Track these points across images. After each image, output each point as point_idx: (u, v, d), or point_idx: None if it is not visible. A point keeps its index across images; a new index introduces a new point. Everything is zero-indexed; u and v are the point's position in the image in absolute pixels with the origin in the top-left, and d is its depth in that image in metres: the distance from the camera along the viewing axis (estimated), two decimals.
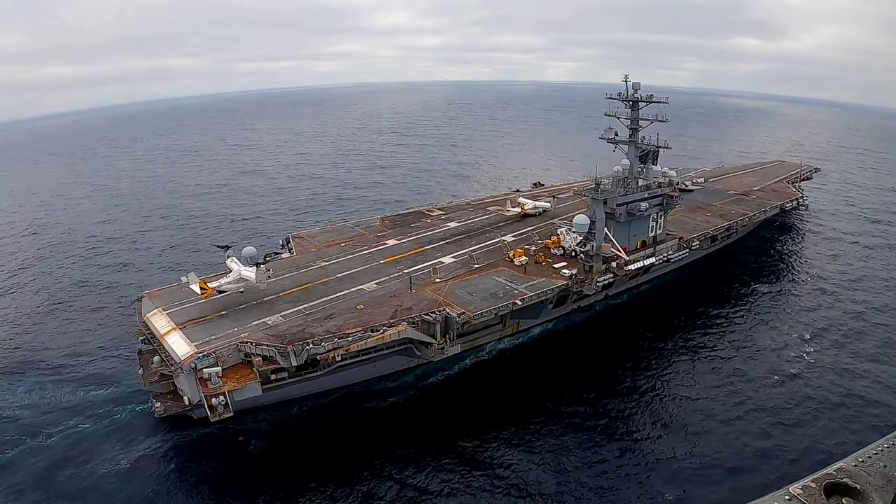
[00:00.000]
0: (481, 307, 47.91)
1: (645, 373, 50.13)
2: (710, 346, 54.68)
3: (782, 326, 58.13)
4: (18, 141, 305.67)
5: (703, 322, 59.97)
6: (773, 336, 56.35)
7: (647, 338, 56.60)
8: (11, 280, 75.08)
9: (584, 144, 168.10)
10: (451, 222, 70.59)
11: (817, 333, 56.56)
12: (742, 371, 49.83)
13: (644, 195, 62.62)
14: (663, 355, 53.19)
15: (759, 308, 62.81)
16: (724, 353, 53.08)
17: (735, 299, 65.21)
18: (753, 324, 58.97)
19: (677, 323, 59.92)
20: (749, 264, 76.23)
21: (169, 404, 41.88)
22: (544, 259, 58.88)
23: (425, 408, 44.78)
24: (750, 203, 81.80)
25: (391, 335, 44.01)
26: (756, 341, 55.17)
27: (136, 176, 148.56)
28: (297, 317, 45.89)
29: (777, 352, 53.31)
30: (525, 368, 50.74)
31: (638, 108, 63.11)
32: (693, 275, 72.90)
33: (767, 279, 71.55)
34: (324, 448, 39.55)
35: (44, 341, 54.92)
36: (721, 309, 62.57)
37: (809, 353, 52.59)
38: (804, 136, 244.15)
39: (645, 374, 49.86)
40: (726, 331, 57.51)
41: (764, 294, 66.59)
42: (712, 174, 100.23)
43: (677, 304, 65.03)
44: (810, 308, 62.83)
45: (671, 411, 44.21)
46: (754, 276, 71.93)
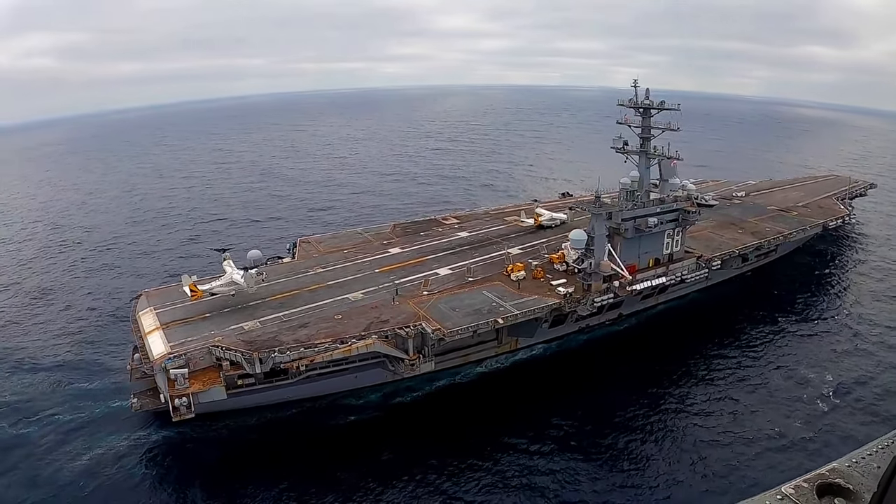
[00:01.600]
0: (460, 324, 45.73)
1: (634, 404, 45.43)
2: (718, 383, 48.79)
3: (803, 371, 49.80)
4: (80, 135, 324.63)
5: (716, 353, 54.01)
6: (790, 382, 48.41)
7: (651, 364, 51.84)
8: (25, 268, 79.26)
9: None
10: (462, 232, 68.46)
11: (842, 387, 47.46)
12: (744, 422, 42.71)
13: (655, 210, 57.85)
14: (662, 386, 48.31)
15: (781, 344, 55.42)
16: (730, 393, 46.77)
17: (757, 330, 58.27)
18: (771, 363, 51.73)
19: (689, 351, 54.66)
20: (782, 290, 68.63)
21: (146, 401, 42.51)
22: (543, 275, 55.82)
23: (383, 431, 42.13)
24: (789, 220, 74.28)
25: (359, 348, 42.66)
26: (769, 386, 47.86)
27: (174, 175, 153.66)
28: (273, 323, 45.39)
29: (790, 403, 45.31)
30: (507, 391, 47.75)
31: (649, 116, 58.28)
32: (718, 297, 66.75)
33: (798, 310, 63.36)
34: (268, 462, 38.41)
35: (46, 332, 56.85)
36: (739, 340, 56.28)
37: (827, 413, 43.90)
38: (870, 150, 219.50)
39: (634, 406, 45.21)
40: (739, 366, 51.19)
41: (791, 327, 58.89)
42: (756, 188, 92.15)
43: (694, 330, 59.71)
44: (840, 353, 53.58)
45: (644, 453, 39.58)
46: (784, 305, 64.21)
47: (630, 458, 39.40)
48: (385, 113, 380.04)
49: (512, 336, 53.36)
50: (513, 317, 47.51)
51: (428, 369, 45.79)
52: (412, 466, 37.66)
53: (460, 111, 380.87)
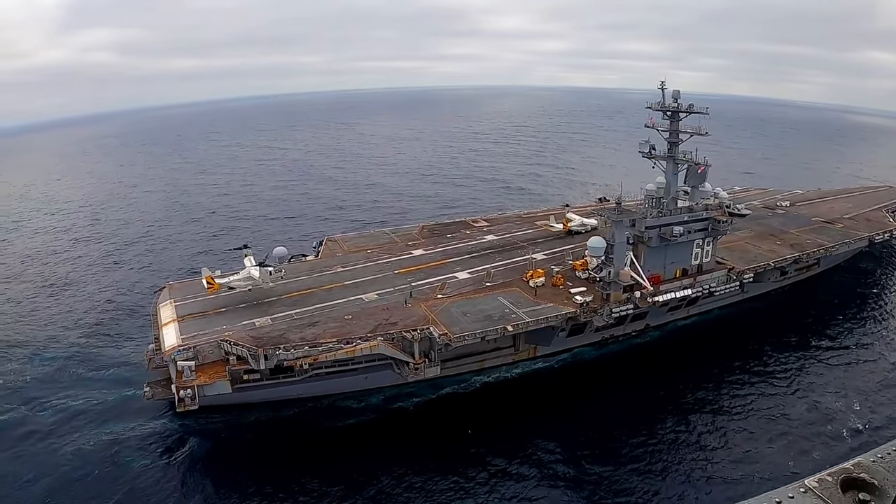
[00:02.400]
0: (468, 329, 44.48)
1: (639, 429, 41.78)
2: (736, 409, 44.34)
3: (831, 404, 44.33)
4: (134, 130, 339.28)
5: (738, 375, 49.34)
6: (813, 414, 43.19)
7: (668, 384, 48.30)
8: (57, 257, 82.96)
9: None
10: (490, 235, 66.75)
11: (871, 423, 41.60)
12: (757, 458, 38.20)
13: (682, 218, 54.22)
14: (674, 410, 44.56)
15: (810, 370, 50.03)
16: (746, 424, 42.09)
17: (786, 352, 53.04)
18: (796, 391, 46.62)
19: (710, 371, 50.53)
20: (820, 308, 63.01)
21: (159, 390, 43.38)
22: (563, 282, 53.43)
23: (381, 436, 40.98)
24: (832, 233, 68.55)
25: (363, 349, 42.09)
26: (790, 417, 42.84)
27: (216, 171, 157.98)
28: (284, 321, 45.33)
29: (810, 439, 40.12)
30: (513, 402, 45.57)
31: (678, 120, 54.73)
32: (751, 312, 62.07)
33: (833, 333, 57.40)
34: (262, 461, 38.24)
35: (72, 320, 58.84)
36: (765, 362, 51.44)
37: (849, 453, 36.51)
38: None
39: (638, 431, 41.48)
40: (762, 392, 46.47)
41: (823, 352, 53.32)
42: (803, 197, 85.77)
43: (720, 347, 55.47)
44: (874, 385, 47.28)
45: (634, 487, 36.14)
46: (820, 326, 58.67)
47: (615, 490, 36.27)
48: (436, 113, 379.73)
49: (529, 344, 51.49)
50: (524, 324, 45.74)
51: (433, 374, 44.57)
52: (399, 474, 36.52)
53: (512, 112, 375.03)
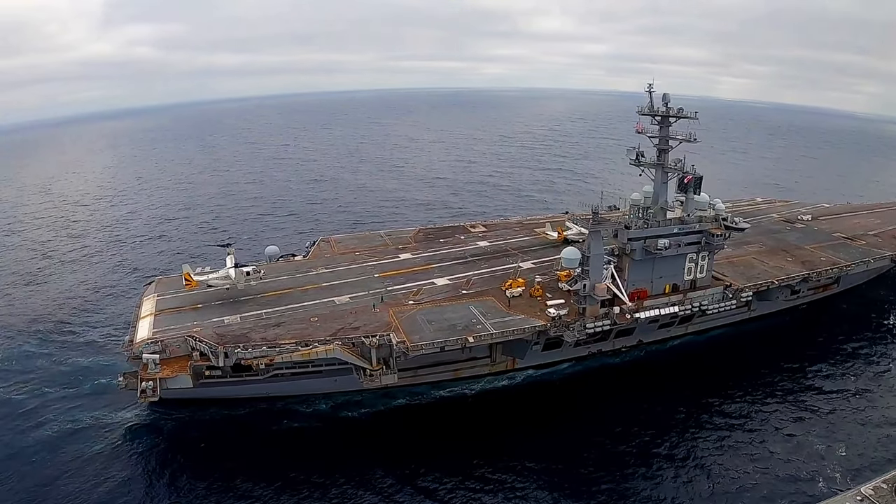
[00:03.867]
0: (428, 338, 43.62)
1: (597, 462, 38.71)
2: (709, 443, 40.50)
3: (814, 443, 39.72)
4: (175, 124, 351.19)
5: (721, 405, 45.38)
6: (794, 457, 38.42)
7: (649, 404, 45.53)
8: (65, 247, 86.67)
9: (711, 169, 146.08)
10: (483, 241, 64.97)
11: (854, 471, 36.77)
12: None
13: (671, 230, 51.07)
14: (642, 441, 41.07)
15: (801, 404, 44.98)
16: (715, 461, 38.38)
17: (779, 381, 48.70)
18: (779, 427, 41.95)
19: (692, 397, 46.94)
20: (830, 335, 57.65)
21: (133, 380, 44.47)
22: (542, 293, 51.63)
23: (315, 444, 40.32)
24: (851, 250, 62.99)
25: (318, 353, 42.04)
26: (766, 458, 38.52)
27: (233, 169, 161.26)
28: (252, 320, 45.44)
29: (782, 485, 36.00)
30: (478, 415, 43.86)
31: (668, 125, 51.28)
32: (755, 333, 58.03)
33: (835, 361, 52.10)
34: (204, 457, 38.90)
35: (68, 310, 60.85)
36: (753, 391, 47.25)
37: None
38: None
39: (594, 465, 38.40)
40: (740, 427, 42.19)
41: (819, 382, 48.32)
42: (828, 211, 79.39)
43: (713, 370, 51.96)
44: (868, 427, 41.92)
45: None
46: (823, 354, 53.52)
47: None
48: (473, 115, 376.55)
49: (506, 355, 50.30)
50: (487, 336, 44.48)
51: (390, 382, 43.72)
52: (337, 484, 36.05)
53: (548, 116, 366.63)
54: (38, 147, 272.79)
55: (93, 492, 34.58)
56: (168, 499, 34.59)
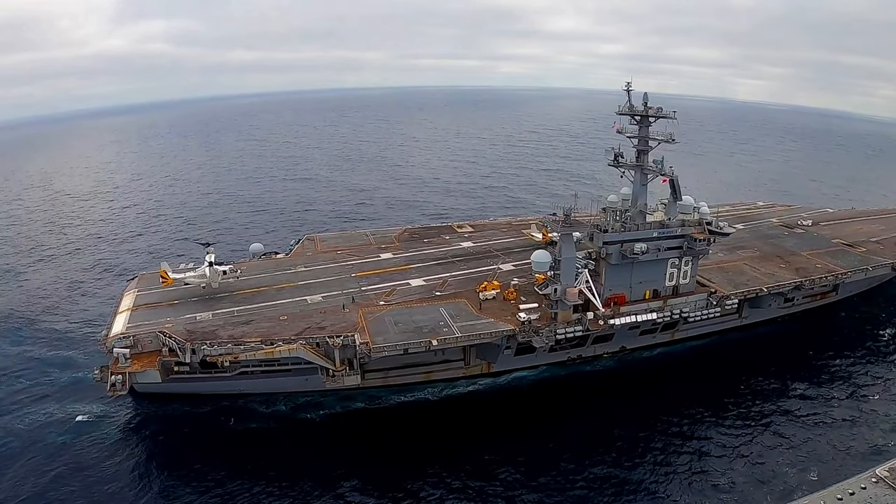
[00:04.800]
0: (392, 340, 43.75)
1: (564, 476, 37.87)
2: (670, 466, 38.74)
3: (782, 470, 37.87)
4: (188, 120, 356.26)
5: (688, 424, 43.36)
6: (757, 489, 36.29)
7: (619, 416, 44.47)
8: (54, 243, 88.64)
9: (719, 171, 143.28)
10: (467, 242, 64.64)
11: None
12: None
13: (650, 234, 49.98)
14: (614, 449, 40.32)
15: (778, 426, 42.77)
16: (668, 489, 36.62)
17: (759, 397, 46.76)
18: (745, 454, 39.66)
19: (665, 408, 45.42)
20: (821, 346, 55.65)
21: (107, 374, 46.77)
22: (515, 297, 51.29)
23: (267, 445, 40.31)
24: (850, 258, 60.93)
25: (282, 351, 42.60)
26: (727, 487, 36.47)
27: (233, 166, 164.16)
28: (223, 317, 46.15)
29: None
30: (428, 422, 43.57)
31: (647, 125, 50.28)
32: (747, 342, 56.73)
33: (821, 380, 49.58)
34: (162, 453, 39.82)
35: (51, 303, 62.95)
36: (728, 408, 45.33)
37: None
38: None
39: (560, 479, 37.60)
40: (704, 451, 40.05)
41: (798, 404, 45.69)
42: (831, 216, 76.82)
43: (694, 380, 50.60)
44: (843, 453, 39.90)
45: None
46: (810, 371, 51.16)
47: None
48: (482, 113, 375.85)
49: (481, 359, 50.18)
50: (452, 339, 44.44)
51: (353, 383, 44.08)
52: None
53: (559, 115, 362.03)
54: (48, 142, 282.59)
55: (38, 480, 35.96)
56: (113, 489, 35.48)
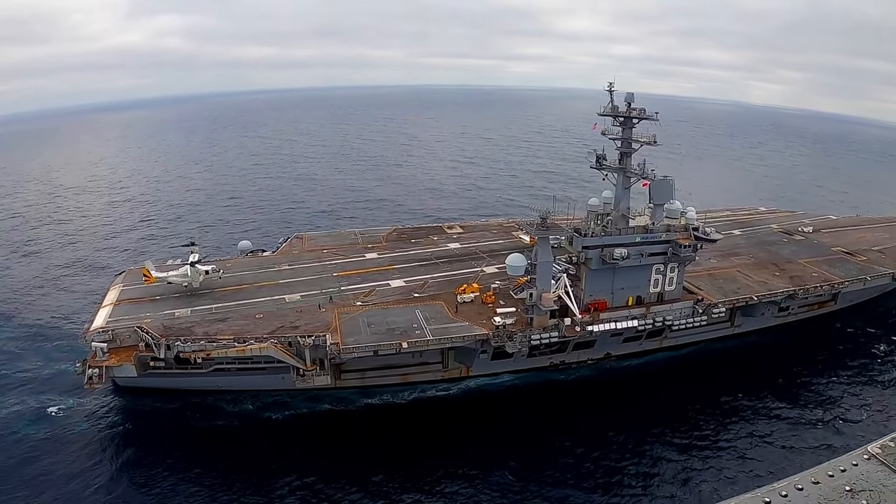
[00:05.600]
0: (363, 341, 44.11)
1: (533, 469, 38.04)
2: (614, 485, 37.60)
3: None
4: (201, 115, 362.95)
5: (652, 443, 41.63)
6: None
7: (585, 429, 43.37)
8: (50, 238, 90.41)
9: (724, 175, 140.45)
10: (455, 243, 64.61)
11: None
12: None
13: (632, 239, 49.30)
14: (569, 467, 39.05)
15: (755, 446, 41.06)
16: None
17: (738, 413, 45.04)
18: (718, 479, 37.53)
19: (638, 420, 44.43)
20: (812, 359, 54.05)
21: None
22: (494, 300, 51.33)
23: (227, 444, 40.81)
24: (849, 266, 59.44)
25: (253, 350, 43.25)
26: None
27: (235, 163, 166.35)
28: (202, 314, 47.01)
29: None
30: (395, 426, 43.35)
31: (630, 127, 49.47)
32: (737, 351, 55.58)
33: (810, 398, 47.45)
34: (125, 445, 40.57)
35: (40, 294, 65.02)
36: (703, 423, 43.75)
37: None
38: None
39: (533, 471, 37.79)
40: (668, 482, 38.11)
41: (776, 430, 43.17)
42: (834, 223, 74.86)
43: (674, 390, 49.45)
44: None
45: None
46: (796, 387, 49.13)
47: None
48: (489, 114, 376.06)
49: (460, 362, 50.29)
50: (423, 342, 44.71)
51: (323, 383, 44.61)
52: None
53: (568, 117, 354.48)
54: (57, 136, 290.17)
55: None
56: (64, 478, 36.55)
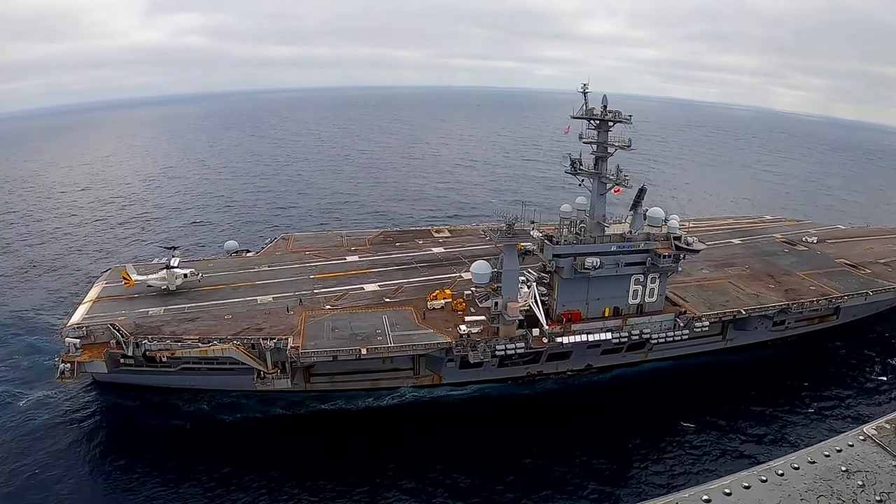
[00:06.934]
0: (324, 346, 44.64)
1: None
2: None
3: None
4: (217, 113, 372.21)
5: (616, 458, 40.99)
6: None
7: (532, 446, 42.47)
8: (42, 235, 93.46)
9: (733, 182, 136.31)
10: (439, 248, 64.56)
11: None
12: None
13: (608, 247, 48.07)
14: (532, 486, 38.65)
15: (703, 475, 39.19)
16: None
17: (690, 456, 42.28)
18: None
19: (617, 433, 43.92)
20: (802, 383, 51.70)
21: None
22: (464, 307, 51.13)
23: (170, 445, 41.88)
24: (851, 280, 56.98)
25: (215, 350, 44.31)
26: None
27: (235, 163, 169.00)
28: (174, 313, 48.44)
29: None
30: (344, 433, 43.52)
31: (606, 130, 48.30)
32: (725, 367, 54.17)
33: (790, 428, 44.99)
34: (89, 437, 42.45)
35: (21, 290, 67.47)
36: (659, 456, 42.08)
37: None
38: None
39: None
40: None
41: (736, 469, 40.46)
42: (839, 234, 71.66)
43: (649, 405, 48.60)
44: None
45: None
46: (771, 415, 46.70)
47: None
48: (503, 116, 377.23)
49: (430, 370, 50.41)
50: (383, 349, 45.01)
51: (283, 386, 45.06)
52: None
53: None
54: (72, 132, 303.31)
55: None
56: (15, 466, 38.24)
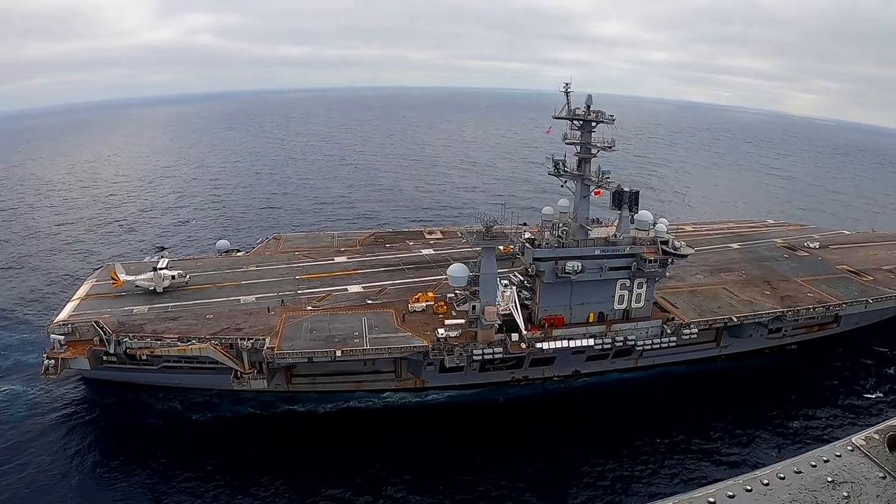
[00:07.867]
0: (300, 347, 44.94)
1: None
2: None
3: None
4: (227, 112, 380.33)
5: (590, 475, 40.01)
6: None
7: (526, 450, 42.28)
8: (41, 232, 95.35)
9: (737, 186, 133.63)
10: (429, 249, 64.55)
11: None
12: None
13: (591, 251, 47.53)
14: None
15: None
16: None
17: (692, 454, 42.21)
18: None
19: (586, 455, 42.43)
20: (789, 396, 50.19)
21: None
22: (446, 311, 51.10)
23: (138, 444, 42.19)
24: (851, 287, 55.46)
25: (194, 350, 45.08)
26: None
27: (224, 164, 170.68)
28: (157, 312, 49.38)
29: None
30: (313, 437, 43.62)
31: (589, 131, 47.66)
32: (717, 375, 53.32)
33: (771, 446, 43.59)
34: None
35: (13, 286, 68.99)
36: (647, 461, 41.57)
37: None
38: None
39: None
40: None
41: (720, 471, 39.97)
42: (843, 239, 69.75)
43: (632, 415, 47.85)
44: None
45: None
46: (747, 431, 45.14)
47: None
48: (509, 117, 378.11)
49: (412, 373, 50.47)
50: (359, 352, 45.21)
51: (260, 386, 45.58)
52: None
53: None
54: (83, 129, 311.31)
55: None
56: None
